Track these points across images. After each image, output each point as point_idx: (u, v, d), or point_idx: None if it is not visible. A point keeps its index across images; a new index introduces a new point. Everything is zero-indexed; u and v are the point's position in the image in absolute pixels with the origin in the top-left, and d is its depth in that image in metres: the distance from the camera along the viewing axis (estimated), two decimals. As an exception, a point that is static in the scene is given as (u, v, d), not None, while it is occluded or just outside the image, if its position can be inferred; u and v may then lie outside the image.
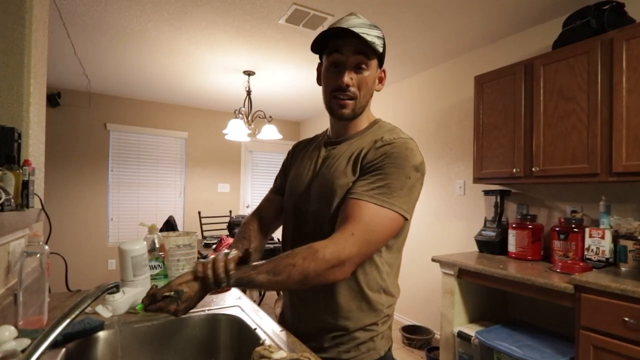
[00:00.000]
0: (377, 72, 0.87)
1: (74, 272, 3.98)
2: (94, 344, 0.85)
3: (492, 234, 2.33)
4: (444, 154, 3.01)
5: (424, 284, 3.10)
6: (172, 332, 0.96)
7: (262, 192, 5.18)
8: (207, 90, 3.97)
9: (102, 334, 0.86)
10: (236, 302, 1.10)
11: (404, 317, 3.28)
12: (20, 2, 1.16)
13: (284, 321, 0.97)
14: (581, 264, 1.75)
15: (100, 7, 2.25)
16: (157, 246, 1.02)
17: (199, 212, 4.19)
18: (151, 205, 4.51)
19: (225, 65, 3.20)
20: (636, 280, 1.51)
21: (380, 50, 0.82)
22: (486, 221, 2.48)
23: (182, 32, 2.58)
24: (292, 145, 1.11)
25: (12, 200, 0.94)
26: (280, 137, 3.54)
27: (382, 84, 0.90)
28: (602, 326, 1.47)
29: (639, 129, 1.64)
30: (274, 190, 1.07)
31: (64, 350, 0.76)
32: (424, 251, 3.06)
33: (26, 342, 0.69)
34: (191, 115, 4.74)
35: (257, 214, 1.05)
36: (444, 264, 2.20)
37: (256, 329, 0.90)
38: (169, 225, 3.34)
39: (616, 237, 1.77)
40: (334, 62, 0.83)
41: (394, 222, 0.76)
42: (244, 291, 1.23)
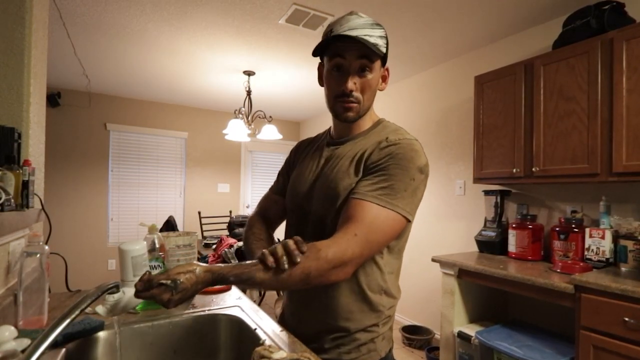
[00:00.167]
0: (380, 72, 0.86)
1: (74, 272, 3.98)
2: (93, 344, 0.85)
3: (492, 234, 2.33)
4: (444, 154, 3.01)
5: (424, 284, 3.10)
6: (172, 332, 0.96)
7: (262, 192, 5.12)
8: (207, 90, 3.97)
9: (102, 334, 0.86)
10: (236, 302, 1.10)
11: (404, 317, 3.28)
12: (20, 2, 1.16)
13: (284, 322, 0.96)
14: (581, 264, 1.75)
15: (100, 7, 2.25)
16: (157, 246, 1.02)
17: (199, 212, 4.19)
18: (151, 205, 4.51)
19: (225, 65, 3.20)
20: (636, 280, 1.51)
21: (383, 50, 0.81)
22: (486, 221, 2.48)
23: (182, 32, 2.58)
24: (292, 145, 1.10)
25: (12, 200, 0.94)
26: (280, 137, 3.54)
27: (385, 83, 0.89)
28: (602, 326, 1.47)
29: (639, 129, 1.64)
30: (276, 190, 1.05)
31: (64, 350, 0.76)
32: (424, 251, 3.06)
33: (26, 342, 0.69)
34: (191, 115, 4.74)
35: (262, 214, 1.02)
36: (444, 264, 2.20)
37: (256, 329, 0.90)
38: (169, 225, 3.34)
39: (616, 237, 1.77)
40: (337, 66, 0.81)
41: (397, 223, 0.76)
42: (244, 291, 1.23)
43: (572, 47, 1.88)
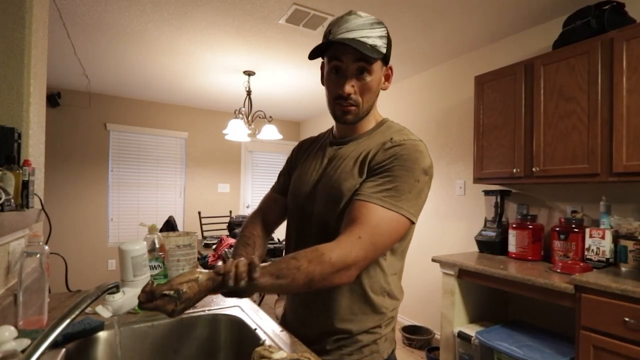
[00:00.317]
0: (382, 72, 0.84)
1: (74, 273, 3.98)
2: (93, 345, 0.85)
3: (493, 234, 2.33)
4: (444, 154, 3.01)
5: (424, 284, 3.10)
6: (172, 333, 0.96)
7: (262, 192, 5.17)
8: (207, 90, 3.97)
9: (102, 334, 0.86)
10: (236, 302, 1.10)
11: (404, 317, 3.28)
12: (20, 2, 1.15)
13: (285, 323, 0.95)
14: (581, 264, 1.75)
15: (100, 7, 2.25)
16: (157, 246, 1.02)
17: (199, 212, 4.19)
18: (151, 205, 4.51)
19: (225, 65, 3.20)
20: (636, 280, 1.51)
21: (383, 51, 0.80)
22: (486, 221, 2.48)
23: (182, 32, 2.58)
24: (292, 145, 1.10)
25: (12, 200, 0.94)
26: (280, 137, 3.54)
27: (388, 82, 0.87)
28: (603, 326, 1.47)
29: (639, 129, 1.64)
30: (277, 189, 1.04)
31: (64, 350, 0.76)
32: (424, 251, 3.06)
33: (26, 342, 0.69)
34: (191, 115, 4.74)
35: (260, 214, 1.01)
36: (444, 264, 2.20)
37: (256, 329, 0.90)
38: (169, 225, 3.34)
39: (616, 237, 1.77)
40: (335, 69, 0.80)
41: (401, 225, 0.75)
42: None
43: (572, 47, 1.88)
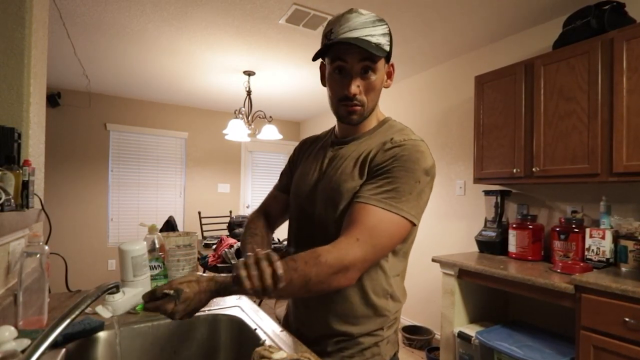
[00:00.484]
0: (385, 70, 0.83)
1: (74, 273, 3.98)
2: (93, 345, 0.85)
3: (493, 234, 2.33)
4: (444, 154, 3.01)
5: (425, 284, 3.10)
6: (172, 333, 0.96)
7: (262, 192, 5.18)
8: (207, 90, 3.97)
9: (102, 334, 0.86)
10: (236, 302, 1.10)
11: (404, 317, 3.28)
12: (20, 2, 1.15)
13: (287, 323, 0.95)
14: (581, 264, 1.75)
15: (100, 7, 2.25)
16: (157, 246, 1.02)
17: (199, 212, 4.19)
18: (151, 205, 4.51)
19: (225, 65, 3.20)
20: (637, 280, 1.51)
21: (387, 49, 0.78)
22: (486, 221, 2.48)
23: (182, 32, 2.58)
24: (292, 145, 1.10)
25: (12, 200, 0.94)
26: (280, 137, 3.54)
27: (390, 80, 0.86)
28: (603, 326, 1.47)
29: (639, 129, 1.64)
30: (279, 187, 1.04)
31: (64, 350, 0.76)
32: (425, 251, 3.06)
33: (26, 342, 0.69)
34: (191, 115, 4.74)
35: (263, 210, 1.02)
36: (444, 264, 2.20)
37: (256, 329, 0.90)
38: (169, 225, 3.34)
39: (617, 238, 1.77)
40: (339, 69, 0.78)
41: (401, 227, 0.73)
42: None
43: (573, 47, 1.88)
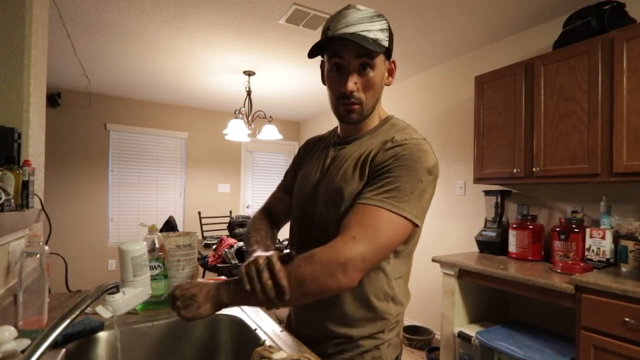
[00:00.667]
0: (384, 66, 0.80)
1: (74, 273, 3.98)
2: (93, 345, 0.85)
3: (493, 234, 2.33)
4: (444, 154, 3.01)
5: (425, 284, 3.10)
6: (172, 333, 0.96)
7: (262, 192, 5.18)
8: (207, 90, 3.97)
9: (102, 335, 0.86)
10: (236, 303, 1.10)
11: (404, 317, 3.27)
12: (20, 2, 1.15)
13: (290, 324, 0.95)
14: (582, 265, 1.75)
15: (100, 7, 2.25)
16: (157, 246, 1.01)
17: (199, 213, 4.19)
18: (151, 205, 4.51)
19: (225, 65, 3.20)
20: (637, 280, 1.51)
21: (385, 44, 0.76)
22: (486, 221, 2.48)
23: (182, 32, 2.58)
24: (292, 145, 1.09)
25: (12, 200, 0.94)
26: (280, 137, 3.54)
27: (392, 77, 0.83)
28: (603, 326, 1.47)
29: (639, 129, 1.64)
30: (282, 188, 1.03)
31: (63, 350, 0.76)
32: (425, 251, 3.05)
33: (26, 342, 0.69)
34: (191, 115, 4.74)
35: (266, 210, 1.02)
36: (444, 264, 2.20)
37: (256, 329, 0.90)
38: (169, 225, 3.34)
39: (617, 238, 1.77)
40: (336, 66, 0.77)
41: (402, 227, 0.70)
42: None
43: (573, 47, 1.88)
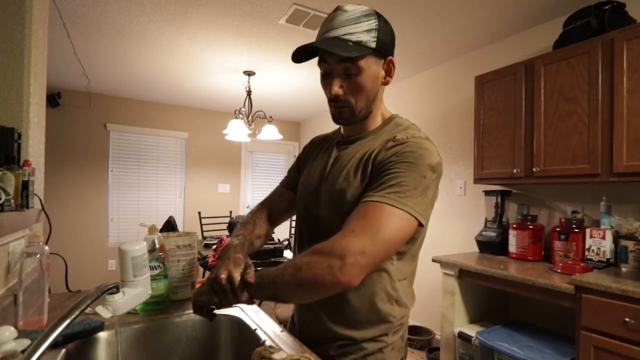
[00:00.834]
0: (378, 66, 0.77)
1: (74, 273, 3.98)
2: (93, 345, 0.85)
3: (493, 234, 2.33)
4: (444, 154, 3.01)
5: (425, 284, 3.10)
6: (172, 333, 0.96)
7: (262, 192, 5.18)
8: (207, 90, 3.97)
9: (102, 335, 0.85)
10: (236, 303, 1.10)
11: (404, 317, 3.28)
12: (20, 2, 1.15)
13: (293, 324, 0.95)
14: (582, 265, 1.75)
15: (100, 7, 2.25)
16: (157, 246, 1.01)
17: (199, 213, 4.19)
18: (151, 205, 4.51)
19: (225, 65, 3.20)
20: (637, 280, 1.51)
21: (372, 45, 0.73)
22: (487, 221, 2.48)
23: (182, 32, 2.58)
24: (292, 145, 1.09)
25: (12, 200, 0.94)
26: (280, 137, 3.54)
27: (390, 76, 0.81)
28: (603, 327, 1.47)
29: (639, 129, 1.64)
30: (285, 184, 1.02)
31: (63, 350, 0.76)
32: (425, 251, 3.03)
33: (26, 342, 0.69)
34: (191, 115, 4.74)
35: (266, 204, 1.01)
36: (444, 264, 2.20)
37: (256, 329, 0.90)
38: (169, 225, 3.34)
39: (617, 238, 1.77)
40: (324, 70, 0.77)
41: (405, 222, 0.68)
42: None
43: (573, 47, 1.88)
